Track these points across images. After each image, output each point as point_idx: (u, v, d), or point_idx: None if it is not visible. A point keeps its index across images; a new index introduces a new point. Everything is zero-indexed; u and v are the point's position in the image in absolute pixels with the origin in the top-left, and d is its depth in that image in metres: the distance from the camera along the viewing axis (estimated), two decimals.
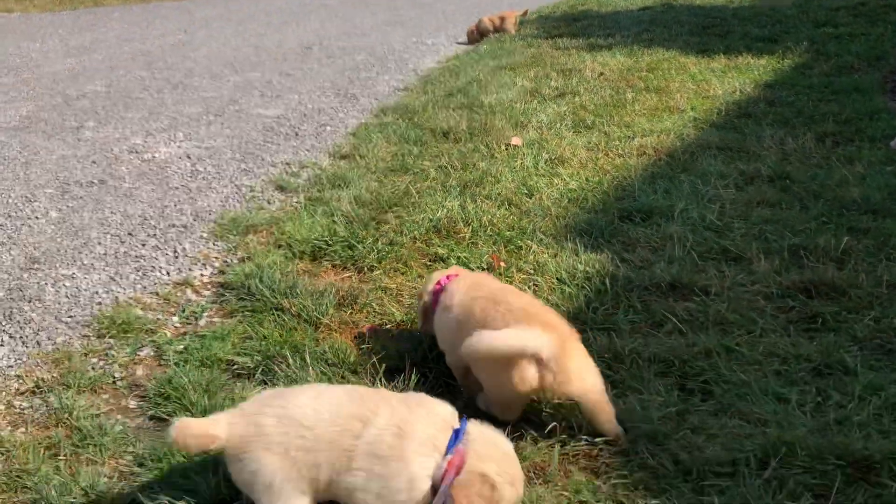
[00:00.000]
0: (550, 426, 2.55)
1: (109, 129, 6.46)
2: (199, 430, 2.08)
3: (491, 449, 2.06)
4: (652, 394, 2.71)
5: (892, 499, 2.12)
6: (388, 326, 3.32)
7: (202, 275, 3.91)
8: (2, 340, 3.30)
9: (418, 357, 3.00)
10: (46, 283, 3.77)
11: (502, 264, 3.79)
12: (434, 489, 1.99)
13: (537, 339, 2.35)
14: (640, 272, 3.61)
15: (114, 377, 3.04)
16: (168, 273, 3.89)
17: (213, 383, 2.85)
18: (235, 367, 3.04)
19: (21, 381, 3.02)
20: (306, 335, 3.19)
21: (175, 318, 3.49)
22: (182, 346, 3.20)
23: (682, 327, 3.13)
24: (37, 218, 4.58)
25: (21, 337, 3.32)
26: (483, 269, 3.72)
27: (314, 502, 2.15)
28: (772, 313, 3.24)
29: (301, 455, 2.07)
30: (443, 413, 2.15)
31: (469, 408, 2.66)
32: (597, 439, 2.50)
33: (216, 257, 4.12)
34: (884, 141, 5.40)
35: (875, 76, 7.23)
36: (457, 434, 2.07)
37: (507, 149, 5.63)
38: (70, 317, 3.47)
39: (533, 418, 2.63)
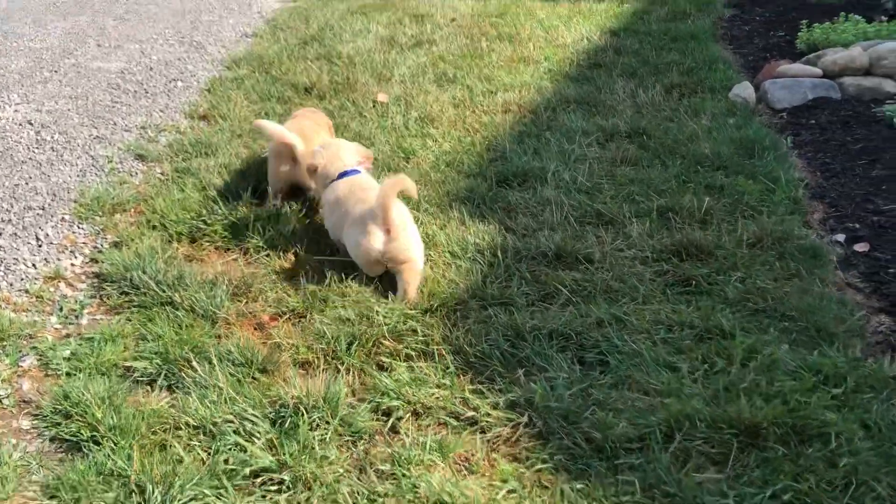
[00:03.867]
0: (469, 414, 2.66)
1: None
2: None
3: None
4: (556, 370, 2.87)
5: (781, 462, 2.41)
6: (286, 316, 3.27)
7: (73, 264, 3.65)
8: None
9: (328, 349, 2.99)
10: None
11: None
12: None
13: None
14: (525, 241, 3.75)
15: None
16: (34, 265, 3.61)
17: (115, 395, 2.72)
18: (135, 373, 2.90)
19: None
20: (204, 332, 3.09)
21: (53, 319, 3.26)
22: (69, 352, 3.01)
23: (574, 298, 3.31)
24: None
25: None
26: None
27: None
28: (650, 278, 3.48)
29: None
30: None
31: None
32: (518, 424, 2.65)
33: (84, 242, 3.85)
34: (723, 92, 5.81)
35: (707, 22, 7.69)
36: None
37: (374, 106, 5.57)
38: None
39: (452, 410, 2.73)
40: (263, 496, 2.38)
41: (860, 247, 3.78)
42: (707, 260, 3.61)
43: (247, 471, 2.43)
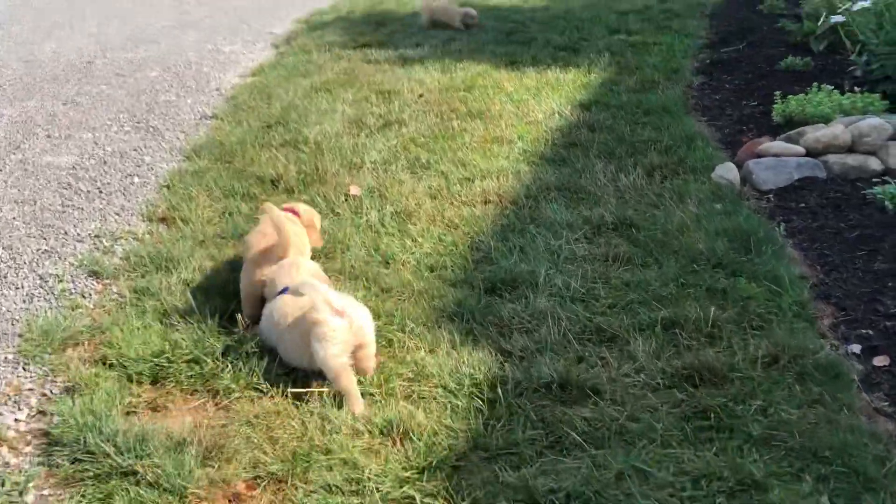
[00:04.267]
0: None
1: None
2: None
3: None
4: None
5: None
6: (264, 483, 2.88)
7: (17, 420, 3.22)
8: None
9: None
10: None
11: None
12: None
13: None
14: (525, 369, 3.44)
15: None
16: None
17: None
18: None
19: None
20: None
21: None
22: None
23: (586, 444, 3.00)
24: None
25: None
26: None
27: None
28: (665, 410, 3.19)
29: None
30: None
31: None
32: None
33: (31, 389, 3.42)
34: (705, 172, 5.63)
35: (677, 91, 7.58)
36: None
37: (346, 200, 5.26)
38: None
39: None
40: None
41: (880, 360, 3.55)
42: (722, 385, 3.33)
43: None
